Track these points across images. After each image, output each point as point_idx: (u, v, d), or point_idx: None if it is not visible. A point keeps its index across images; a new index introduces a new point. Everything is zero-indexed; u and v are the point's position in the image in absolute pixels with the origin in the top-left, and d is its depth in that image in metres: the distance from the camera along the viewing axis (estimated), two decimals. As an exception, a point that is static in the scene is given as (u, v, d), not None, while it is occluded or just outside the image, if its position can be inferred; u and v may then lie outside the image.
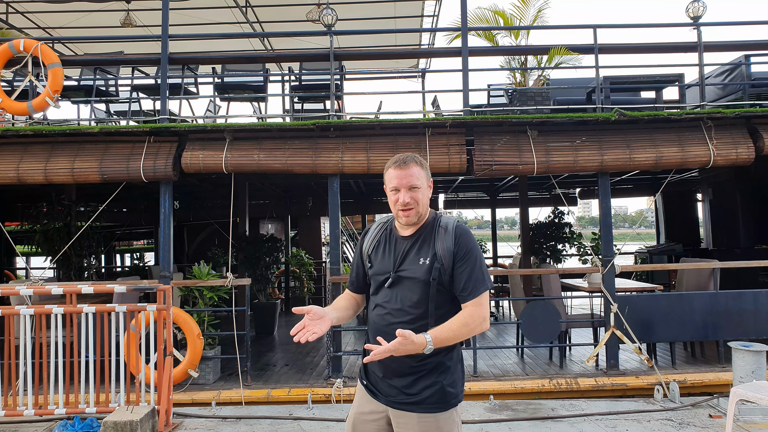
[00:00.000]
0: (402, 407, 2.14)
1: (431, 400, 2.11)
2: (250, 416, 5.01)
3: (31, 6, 9.53)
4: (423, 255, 2.17)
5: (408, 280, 2.17)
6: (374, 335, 2.20)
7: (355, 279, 2.41)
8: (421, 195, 2.20)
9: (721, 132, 6.09)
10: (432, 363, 2.12)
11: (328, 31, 6.44)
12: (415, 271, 2.16)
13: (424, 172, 2.23)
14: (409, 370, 2.14)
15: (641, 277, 9.86)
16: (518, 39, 7.28)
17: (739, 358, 4.69)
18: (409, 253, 2.21)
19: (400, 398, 2.15)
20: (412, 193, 2.18)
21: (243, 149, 6.07)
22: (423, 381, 2.12)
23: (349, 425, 2.30)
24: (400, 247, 2.24)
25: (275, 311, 9.11)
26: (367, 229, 2.42)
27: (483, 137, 6.16)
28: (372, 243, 2.33)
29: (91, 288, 4.93)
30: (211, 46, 10.84)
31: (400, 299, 2.18)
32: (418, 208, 2.20)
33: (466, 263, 2.14)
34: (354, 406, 2.33)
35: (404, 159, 2.23)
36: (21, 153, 6.08)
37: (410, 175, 2.19)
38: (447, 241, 2.16)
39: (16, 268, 12.77)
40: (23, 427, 4.82)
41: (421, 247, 2.20)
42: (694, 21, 6.40)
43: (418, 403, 2.10)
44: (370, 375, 2.27)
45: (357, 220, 17.19)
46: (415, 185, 2.19)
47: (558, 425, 4.70)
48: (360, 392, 2.32)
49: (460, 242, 2.16)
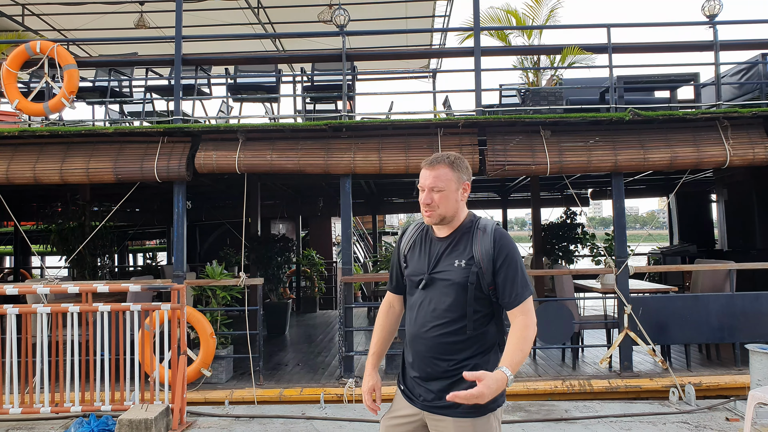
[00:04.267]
0: (438, 411, 2.11)
1: (467, 406, 2.03)
2: (262, 415, 5.03)
3: (47, 8, 9.64)
4: (459, 257, 2.13)
5: (442, 282, 2.14)
6: (409, 339, 2.21)
7: (394, 279, 2.39)
8: (444, 197, 2.15)
9: (737, 132, 6.02)
10: (468, 366, 2.08)
11: (340, 31, 6.45)
12: (450, 273, 2.12)
13: (454, 174, 2.17)
14: (444, 374, 2.11)
15: (654, 279, 9.76)
16: (531, 39, 7.23)
17: (756, 360, 4.63)
18: (444, 254, 2.17)
19: (436, 402, 2.11)
20: (433, 194, 2.16)
21: (256, 149, 6.09)
22: (459, 385, 2.05)
23: (383, 428, 2.29)
24: (435, 248, 2.21)
25: (287, 311, 9.15)
26: (405, 228, 2.39)
27: (495, 137, 6.14)
28: (408, 243, 2.30)
29: (107, 287, 4.97)
30: (223, 47, 10.89)
31: (434, 302, 2.14)
32: (439, 210, 2.16)
33: (507, 268, 2.08)
34: (390, 409, 2.32)
35: (435, 159, 2.20)
36: (37, 153, 6.15)
37: (435, 176, 2.17)
38: (485, 244, 2.10)
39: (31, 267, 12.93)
40: (40, 424, 4.88)
41: (456, 248, 2.16)
42: (709, 19, 6.33)
43: (454, 407, 2.04)
44: (407, 379, 2.25)
45: (367, 220, 17.22)
46: (437, 187, 2.15)
47: (572, 427, 4.66)
48: (397, 396, 2.32)
49: (501, 246, 2.10)
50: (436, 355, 2.13)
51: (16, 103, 6.26)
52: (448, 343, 2.11)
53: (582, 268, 9.43)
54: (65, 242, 8.00)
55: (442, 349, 2.11)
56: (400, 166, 6.02)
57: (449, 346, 2.11)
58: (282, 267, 9.36)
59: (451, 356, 2.10)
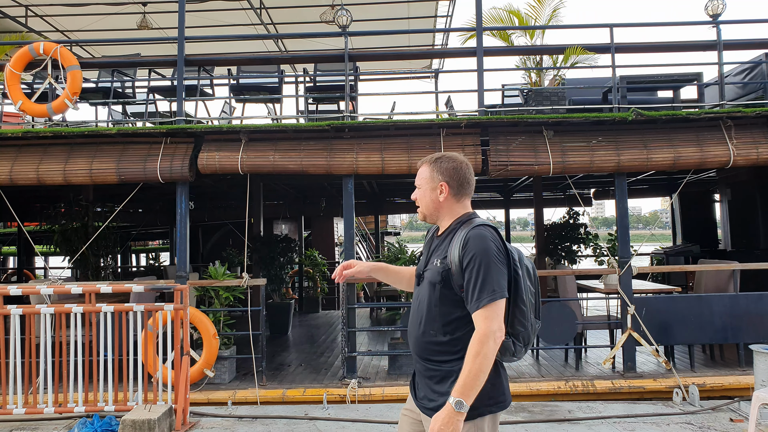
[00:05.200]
0: (425, 411, 2.12)
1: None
2: (265, 416, 5.03)
3: (50, 9, 9.67)
4: (438, 256, 2.14)
5: (425, 280, 2.17)
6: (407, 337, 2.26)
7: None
8: (421, 195, 2.23)
9: (741, 131, 6.00)
10: (444, 370, 2.07)
11: (342, 32, 6.45)
12: (429, 272, 2.16)
13: (430, 174, 2.19)
14: (427, 372, 2.13)
15: (657, 279, 9.74)
16: (533, 38, 7.22)
17: (761, 361, 4.62)
18: (432, 253, 2.21)
19: (424, 402, 2.13)
20: (417, 191, 2.26)
21: (258, 150, 6.10)
22: (438, 387, 2.07)
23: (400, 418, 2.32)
24: (432, 246, 2.25)
25: (289, 311, 9.15)
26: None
27: (498, 137, 6.13)
28: (426, 239, 2.36)
29: (110, 288, 4.99)
30: (226, 48, 10.90)
31: (419, 300, 2.19)
32: (420, 207, 2.25)
33: (472, 269, 1.99)
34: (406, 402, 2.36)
35: (424, 158, 2.27)
36: (41, 154, 6.17)
37: (417, 174, 2.27)
38: (457, 244, 2.06)
39: (35, 267, 12.96)
40: (43, 424, 4.89)
41: (440, 247, 2.18)
42: (713, 19, 6.31)
43: (435, 409, 2.03)
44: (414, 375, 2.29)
45: (370, 220, 17.20)
46: (417, 184, 2.25)
47: (575, 427, 4.66)
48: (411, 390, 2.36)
49: (468, 246, 2.02)
50: (420, 354, 2.16)
51: (20, 104, 6.28)
52: (426, 343, 2.13)
53: (585, 268, 9.40)
54: (68, 243, 8.02)
55: (423, 348, 2.15)
56: (403, 166, 6.02)
57: (427, 346, 2.13)
58: (285, 267, 9.37)
59: (430, 356, 2.12)
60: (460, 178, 2.18)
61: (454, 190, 2.18)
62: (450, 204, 2.19)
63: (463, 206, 2.21)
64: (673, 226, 12.15)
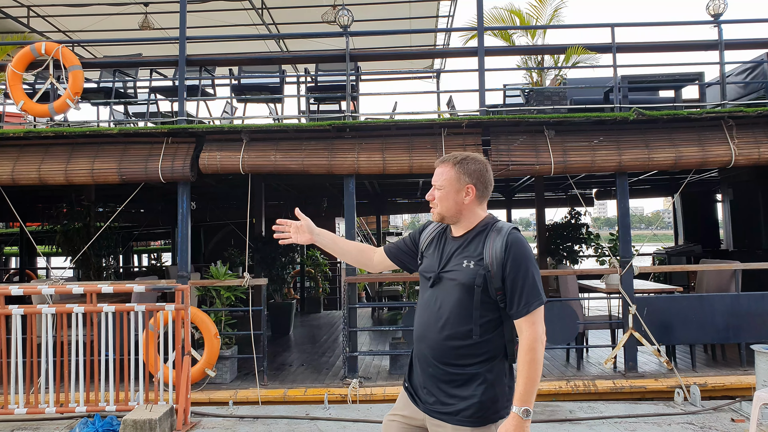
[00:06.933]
0: (438, 416, 2.08)
1: (467, 413, 2.01)
2: (267, 416, 5.03)
3: (52, 10, 9.68)
4: (468, 258, 2.09)
5: (450, 281, 2.11)
6: (416, 338, 2.19)
7: (394, 247, 2.40)
8: (443, 196, 2.16)
9: (742, 131, 5.99)
10: (468, 373, 2.04)
11: (344, 32, 6.45)
12: (458, 273, 2.09)
13: (456, 175, 2.15)
14: (446, 377, 2.08)
15: (659, 279, 9.72)
16: (535, 38, 7.22)
17: (762, 361, 4.61)
18: (455, 254, 2.15)
19: (436, 407, 2.09)
20: (435, 191, 2.19)
21: (260, 150, 6.10)
22: (459, 391, 2.03)
23: (385, 424, 2.28)
24: (448, 247, 2.19)
25: (291, 311, 9.15)
26: (427, 224, 2.38)
27: (499, 137, 6.13)
28: (427, 239, 2.30)
29: (111, 288, 4.99)
30: (227, 48, 10.92)
31: (440, 301, 2.12)
32: (438, 208, 2.18)
33: (516, 274, 2.00)
34: (394, 408, 2.31)
35: (445, 157, 2.23)
36: (42, 154, 6.18)
37: (438, 173, 2.20)
38: (497, 248, 2.04)
39: (36, 267, 12.98)
40: (45, 424, 4.89)
41: (467, 248, 2.13)
42: (714, 18, 6.30)
43: (453, 414, 2.01)
44: (413, 379, 2.22)
45: (371, 221, 17.18)
46: (438, 185, 2.19)
47: (576, 427, 4.65)
48: (401, 394, 2.29)
49: (512, 250, 2.02)
50: (438, 357, 2.09)
51: (22, 104, 6.29)
52: (451, 347, 2.06)
53: (586, 268, 9.39)
54: (70, 243, 8.04)
55: (445, 352, 2.07)
56: (404, 166, 6.01)
57: (452, 350, 2.06)
58: (286, 267, 9.37)
59: (453, 360, 2.06)
60: (485, 181, 2.19)
61: (480, 192, 2.17)
62: (473, 206, 2.17)
63: (483, 208, 2.21)
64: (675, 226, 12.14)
